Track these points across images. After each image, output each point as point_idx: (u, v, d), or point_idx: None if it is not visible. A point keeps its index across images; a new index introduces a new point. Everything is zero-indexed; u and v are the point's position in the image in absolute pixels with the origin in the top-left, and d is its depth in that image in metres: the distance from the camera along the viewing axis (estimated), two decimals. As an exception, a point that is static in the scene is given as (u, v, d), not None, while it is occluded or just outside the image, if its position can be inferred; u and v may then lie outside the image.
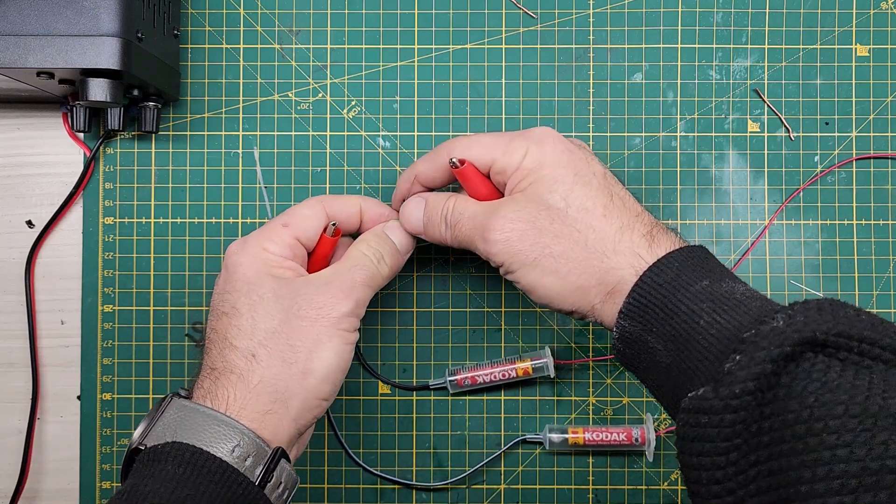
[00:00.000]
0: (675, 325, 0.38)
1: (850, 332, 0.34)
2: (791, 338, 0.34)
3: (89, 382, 0.54)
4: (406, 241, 0.48)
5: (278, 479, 0.40)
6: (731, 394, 0.33)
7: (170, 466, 0.37)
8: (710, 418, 0.34)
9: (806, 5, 0.55)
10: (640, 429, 0.53)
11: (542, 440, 0.54)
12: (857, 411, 0.31)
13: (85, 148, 0.55)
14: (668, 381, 0.39)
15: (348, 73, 0.55)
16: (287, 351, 0.41)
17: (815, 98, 0.55)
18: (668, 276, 0.39)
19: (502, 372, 0.53)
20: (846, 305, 0.36)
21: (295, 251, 0.45)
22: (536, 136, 0.44)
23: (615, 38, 0.55)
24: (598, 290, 0.41)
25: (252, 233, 0.45)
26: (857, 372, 0.33)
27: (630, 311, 0.40)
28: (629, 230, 0.41)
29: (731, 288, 0.38)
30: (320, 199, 0.47)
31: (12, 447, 0.55)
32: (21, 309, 0.55)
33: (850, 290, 0.55)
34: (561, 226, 0.42)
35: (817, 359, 0.34)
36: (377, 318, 0.55)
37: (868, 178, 0.55)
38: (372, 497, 0.55)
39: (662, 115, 0.55)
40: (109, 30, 0.45)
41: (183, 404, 0.40)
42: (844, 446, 0.31)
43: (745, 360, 0.34)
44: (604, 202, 0.42)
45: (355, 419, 0.55)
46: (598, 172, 0.43)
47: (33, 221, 0.55)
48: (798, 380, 0.33)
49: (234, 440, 0.39)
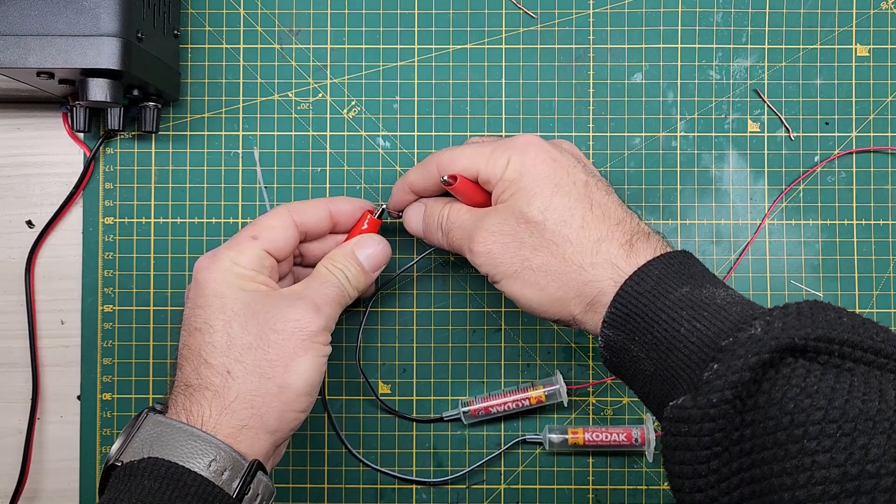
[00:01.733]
0: (657, 333, 0.38)
1: (829, 335, 0.34)
2: (768, 345, 0.34)
3: (89, 382, 0.54)
4: (376, 260, 0.48)
5: (255, 491, 0.40)
6: (709, 403, 0.33)
7: (146, 481, 0.38)
8: (690, 427, 0.34)
9: (806, 5, 0.55)
10: (640, 429, 0.53)
11: (542, 440, 0.54)
12: (837, 416, 0.31)
13: (85, 148, 0.55)
14: (653, 388, 0.39)
15: (348, 73, 0.55)
16: (264, 366, 0.41)
17: (815, 98, 0.55)
18: (649, 285, 0.39)
19: (516, 401, 0.53)
20: (827, 307, 0.36)
21: (265, 263, 0.45)
22: (519, 145, 0.44)
23: (615, 38, 0.55)
24: (578, 301, 0.41)
25: (221, 246, 0.45)
26: (837, 375, 0.33)
27: (612, 321, 0.40)
28: (607, 241, 0.41)
29: (711, 294, 0.38)
30: (287, 207, 0.47)
31: (12, 447, 0.55)
32: (21, 309, 0.55)
33: (850, 290, 0.55)
34: (539, 239, 0.42)
35: (797, 364, 0.34)
36: (377, 318, 0.55)
37: (868, 177, 0.55)
38: (372, 497, 0.55)
39: (662, 115, 0.55)
40: (109, 30, 0.45)
41: (159, 420, 0.40)
42: (824, 452, 0.31)
43: (723, 369, 0.34)
44: (582, 213, 0.42)
45: (355, 419, 0.55)
46: (578, 181, 0.43)
47: (33, 221, 0.55)
48: (778, 386, 0.33)
49: (210, 454, 0.39)
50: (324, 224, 0.48)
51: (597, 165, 0.55)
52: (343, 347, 0.55)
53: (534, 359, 0.55)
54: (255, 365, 0.41)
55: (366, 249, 0.47)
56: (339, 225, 0.49)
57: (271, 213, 0.46)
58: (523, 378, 0.55)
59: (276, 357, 0.41)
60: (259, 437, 0.41)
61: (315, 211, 0.47)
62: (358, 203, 0.49)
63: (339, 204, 0.48)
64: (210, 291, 0.43)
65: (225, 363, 0.41)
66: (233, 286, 0.43)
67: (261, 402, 0.41)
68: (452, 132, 0.55)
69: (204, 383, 0.41)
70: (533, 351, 0.55)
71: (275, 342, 0.41)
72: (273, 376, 0.41)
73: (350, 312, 0.55)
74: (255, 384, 0.41)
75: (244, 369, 0.41)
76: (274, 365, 0.41)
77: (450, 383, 0.55)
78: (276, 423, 0.41)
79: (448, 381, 0.55)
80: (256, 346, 0.41)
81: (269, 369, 0.41)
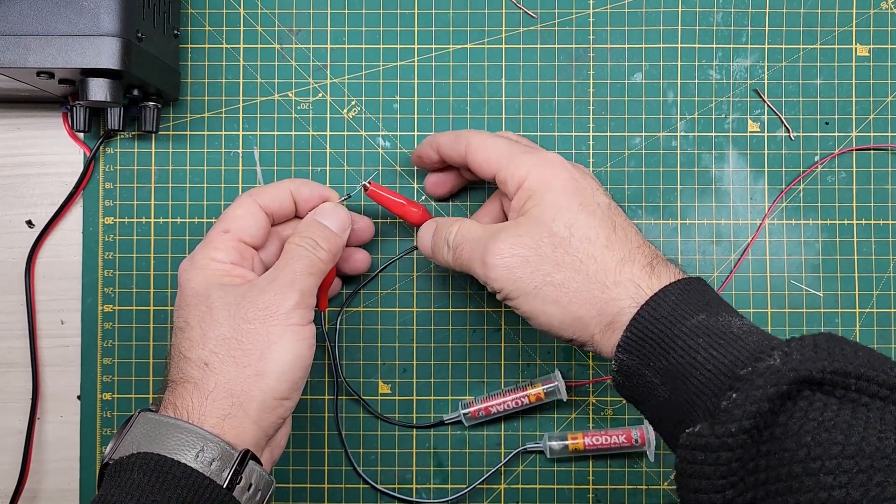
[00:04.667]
0: (672, 360, 0.38)
1: (846, 369, 0.34)
2: (787, 376, 0.34)
3: (89, 382, 0.54)
4: (340, 220, 0.47)
5: (248, 480, 0.40)
6: (727, 432, 0.34)
7: (136, 475, 0.38)
8: (707, 455, 0.34)
9: (806, 5, 0.55)
10: (640, 429, 0.53)
11: (543, 449, 0.54)
12: (853, 451, 0.31)
13: (85, 148, 0.55)
14: (666, 415, 0.39)
15: (348, 72, 0.55)
16: (239, 355, 0.41)
17: (815, 98, 0.55)
18: (665, 310, 0.39)
19: (515, 400, 0.53)
20: (843, 341, 0.36)
21: (243, 254, 0.45)
22: (544, 159, 0.44)
23: (615, 37, 0.55)
24: (598, 320, 0.41)
25: (198, 246, 0.46)
26: (854, 410, 0.33)
27: (628, 345, 0.40)
28: (630, 262, 0.41)
29: (727, 322, 0.38)
30: (250, 193, 0.47)
31: (12, 447, 0.55)
32: (21, 309, 0.55)
33: (850, 289, 0.55)
34: (563, 254, 0.41)
35: (815, 397, 0.34)
36: (377, 318, 0.55)
37: (868, 177, 0.55)
38: (372, 497, 0.55)
39: (662, 115, 0.55)
40: (109, 30, 0.45)
41: (148, 418, 0.41)
42: (841, 487, 0.31)
43: (741, 399, 0.34)
44: (606, 233, 0.42)
45: (355, 419, 0.55)
46: (602, 203, 0.43)
47: (33, 221, 0.55)
48: (795, 418, 0.33)
49: (197, 446, 0.39)
50: (287, 205, 0.48)
51: (597, 165, 0.55)
52: (344, 347, 0.55)
53: (533, 358, 0.55)
54: (230, 355, 0.41)
55: (326, 216, 0.47)
56: (300, 208, 0.49)
57: (235, 202, 0.47)
58: (523, 378, 0.55)
59: (251, 346, 0.41)
60: (244, 427, 0.41)
61: (276, 191, 0.48)
62: (318, 189, 0.49)
63: (298, 185, 0.48)
64: (189, 291, 0.44)
65: (201, 356, 0.42)
66: (210, 283, 0.43)
67: (240, 391, 0.41)
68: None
69: (185, 377, 0.42)
70: (533, 350, 0.55)
71: (247, 331, 0.42)
72: (249, 364, 0.41)
73: (349, 312, 0.55)
74: (232, 374, 0.41)
75: (220, 360, 0.41)
76: (249, 353, 0.41)
77: (450, 383, 0.55)
78: (258, 412, 0.41)
79: (448, 382, 0.55)
80: (230, 337, 0.42)
81: (244, 358, 0.41)
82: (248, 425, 0.41)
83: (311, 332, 0.43)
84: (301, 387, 0.43)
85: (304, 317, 0.43)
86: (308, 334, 0.43)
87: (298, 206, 0.48)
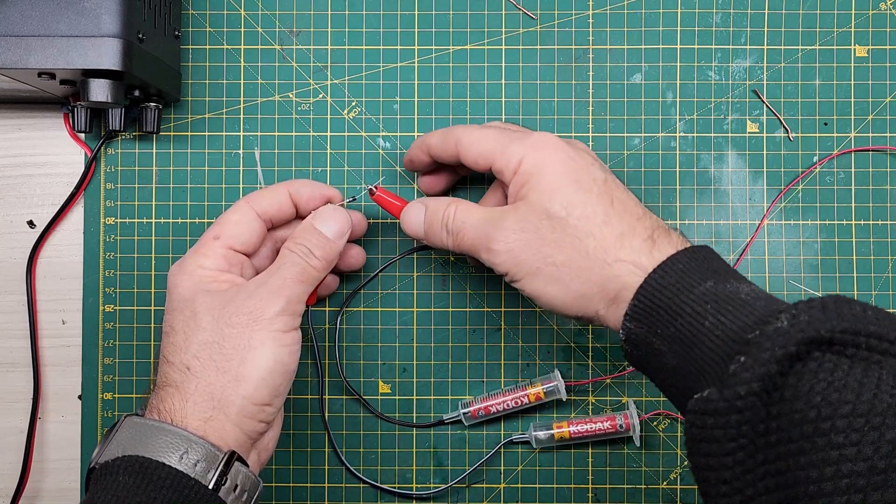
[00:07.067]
0: (680, 326, 0.38)
1: (855, 327, 0.34)
2: (795, 338, 0.34)
3: (90, 382, 0.55)
4: (338, 225, 0.47)
5: (234, 482, 0.40)
6: (736, 395, 0.33)
7: (121, 478, 0.38)
8: (716, 419, 0.34)
9: (805, 6, 0.56)
10: (624, 415, 0.53)
11: (529, 439, 0.54)
12: (865, 410, 0.31)
13: (86, 148, 0.55)
14: (675, 381, 0.39)
15: (349, 73, 0.55)
16: (219, 359, 0.42)
17: (814, 99, 0.55)
18: (672, 279, 0.39)
19: (515, 399, 0.53)
20: (851, 301, 0.36)
21: (231, 261, 0.45)
22: (535, 142, 0.44)
23: (615, 38, 0.55)
24: (601, 296, 0.41)
25: (189, 251, 0.46)
26: (865, 369, 0.33)
27: (635, 314, 0.40)
28: (630, 236, 0.41)
29: (735, 288, 0.38)
30: (247, 199, 0.47)
31: (13, 447, 0.55)
32: (22, 309, 0.55)
33: (849, 290, 0.55)
34: (562, 234, 0.42)
35: (825, 357, 0.34)
36: (378, 318, 0.55)
37: (866, 177, 0.55)
38: (372, 497, 0.55)
39: (662, 116, 0.55)
40: (110, 31, 0.46)
41: (133, 422, 0.41)
42: (852, 445, 0.31)
43: (750, 362, 0.34)
44: (604, 209, 0.42)
45: (355, 419, 0.55)
46: (598, 178, 0.43)
47: (34, 221, 0.55)
48: (804, 380, 0.33)
49: (181, 447, 0.39)
50: (286, 208, 0.48)
51: (596, 166, 0.55)
52: (344, 347, 0.55)
53: (533, 358, 0.55)
54: (212, 359, 0.42)
55: (325, 221, 0.46)
56: (301, 209, 0.48)
57: (231, 208, 0.47)
58: (523, 377, 0.55)
59: (233, 350, 0.42)
60: (226, 429, 0.41)
61: (274, 196, 0.47)
62: (319, 188, 0.48)
63: (297, 186, 0.48)
64: (176, 296, 0.44)
65: (183, 360, 0.42)
66: (198, 289, 0.43)
67: (220, 395, 0.41)
68: (452, 133, 0.55)
69: (167, 381, 0.42)
70: (532, 351, 0.55)
71: (229, 335, 0.42)
72: (228, 369, 0.41)
73: (349, 312, 0.55)
74: (212, 377, 0.41)
75: (201, 364, 0.42)
76: (229, 358, 0.41)
77: (450, 383, 0.55)
78: (239, 416, 0.41)
79: (448, 381, 0.55)
80: (212, 342, 0.42)
81: (224, 362, 0.41)
82: (230, 428, 0.41)
83: (293, 339, 0.43)
84: (283, 393, 0.43)
85: (288, 323, 0.43)
86: (290, 341, 0.43)
87: (299, 207, 0.48)
